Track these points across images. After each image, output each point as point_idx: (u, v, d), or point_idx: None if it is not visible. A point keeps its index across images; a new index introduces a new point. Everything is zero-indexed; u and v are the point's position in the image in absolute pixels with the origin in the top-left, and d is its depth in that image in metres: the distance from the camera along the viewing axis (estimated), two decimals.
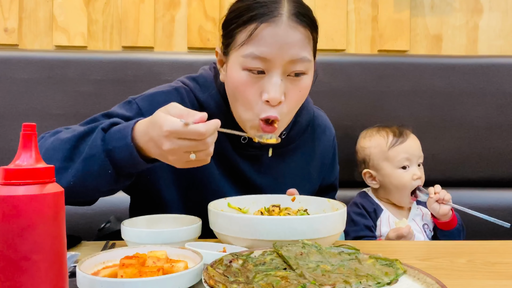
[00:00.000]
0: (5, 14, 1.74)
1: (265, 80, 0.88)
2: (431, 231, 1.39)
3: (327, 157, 1.16)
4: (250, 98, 0.89)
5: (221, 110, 0.98)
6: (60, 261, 0.53)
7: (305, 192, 1.02)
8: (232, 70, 0.90)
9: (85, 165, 0.80)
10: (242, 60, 0.88)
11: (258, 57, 0.86)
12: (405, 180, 1.37)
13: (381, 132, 1.44)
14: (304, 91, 0.92)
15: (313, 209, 0.95)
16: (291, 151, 1.07)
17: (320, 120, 1.15)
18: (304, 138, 1.09)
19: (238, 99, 0.91)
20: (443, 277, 0.65)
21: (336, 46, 1.84)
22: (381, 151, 1.41)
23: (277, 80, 0.87)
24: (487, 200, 1.62)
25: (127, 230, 0.83)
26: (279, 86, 0.86)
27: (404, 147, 1.39)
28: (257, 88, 0.88)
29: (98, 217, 1.43)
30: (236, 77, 0.89)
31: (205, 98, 0.99)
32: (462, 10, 1.88)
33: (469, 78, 1.64)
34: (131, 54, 1.64)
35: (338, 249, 0.72)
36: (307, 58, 0.89)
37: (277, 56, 0.86)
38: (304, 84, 0.91)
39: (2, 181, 0.52)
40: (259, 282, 0.60)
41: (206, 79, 1.02)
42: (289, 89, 0.89)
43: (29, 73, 1.53)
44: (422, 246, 1.00)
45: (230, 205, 0.94)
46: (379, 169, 1.41)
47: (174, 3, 1.80)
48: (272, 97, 0.86)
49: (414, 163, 1.40)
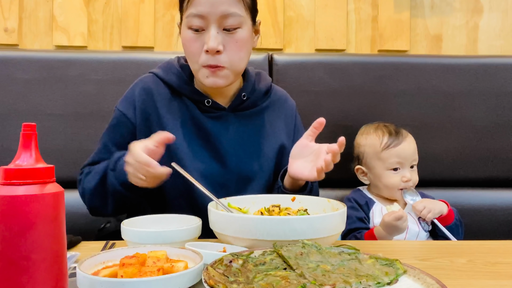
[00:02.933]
0: (5, 14, 1.74)
1: (204, 35, 1.05)
2: (429, 225, 1.40)
3: (290, 123, 1.26)
4: (194, 51, 1.07)
5: (182, 81, 1.15)
6: (60, 261, 0.53)
7: (270, 149, 1.18)
8: (183, 32, 1.09)
9: (114, 197, 1.06)
10: (186, 21, 1.07)
11: (196, 15, 1.04)
12: (393, 181, 1.40)
13: (377, 131, 1.45)
14: (241, 42, 1.07)
15: (313, 209, 0.95)
16: (254, 114, 1.19)
17: (280, 93, 1.29)
18: (266, 105, 1.22)
19: (187, 54, 1.10)
20: (443, 277, 0.65)
21: (336, 46, 1.84)
22: (374, 151, 1.42)
23: (213, 32, 1.04)
24: (487, 200, 1.62)
25: (127, 230, 0.83)
26: (215, 38, 1.03)
27: (397, 150, 1.40)
28: (199, 42, 1.06)
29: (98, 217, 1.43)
30: (184, 36, 1.08)
31: (168, 78, 1.16)
32: (462, 10, 1.88)
33: (469, 78, 1.64)
34: (131, 54, 1.64)
35: (338, 249, 0.72)
36: (237, 13, 1.05)
37: (210, 13, 1.03)
38: (240, 37, 1.07)
39: (2, 181, 0.52)
40: (259, 282, 0.60)
41: (169, 63, 1.21)
42: (226, 41, 1.05)
43: (29, 73, 1.53)
44: (422, 246, 1.00)
45: (230, 205, 0.94)
46: (371, 168, 1.44)
47: (174, 3, 1.80)
48: (210, 46, 1.03)
49: (406, 166, 1.41)
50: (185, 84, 1.15)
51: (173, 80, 1.16)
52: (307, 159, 1.04)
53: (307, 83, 1.59)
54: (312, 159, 1.02)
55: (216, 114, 1.15)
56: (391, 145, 1.40)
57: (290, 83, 1.57)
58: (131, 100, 1.16)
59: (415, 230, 1.37)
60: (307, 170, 1.01)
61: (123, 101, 1.18)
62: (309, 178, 1.02)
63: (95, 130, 1.54)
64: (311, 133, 1.06)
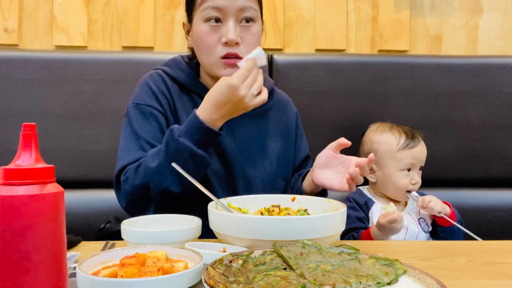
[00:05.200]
0: (5, 14, 1.74)
1: (222, 28, 1.07)
2: (429, 226, 1.40)
3: (291, 125, 1.27)
4: (211, 44, 1.07)
5: (191, 77, 1.16)
6: (60, 261, 0.53)
7: (272, 149, 1.19)
8: (196, 26, 1.09)
9: (188, 166, 0.97)
10: (202, 14, 1.07)
11: (214, 8, 1.05)
12: (403, 182, 1.40)
13: (393, 131, 1.43)
14: (256, 36, 1.10)
15: (313, 209, 0.95)
16: (258, 115, 1.20)
17: (282, 96, 1.30)
18: (269, 105, 1.23)
19: (202, 48, 1.10)
20: (443, 277, 0.65)
21: (336, 46, 1.84)
22: (389, 149, 1.41)
23: (232, 25, 1.06)
24: (487, 200, 1.62)
25: (127, 230, 0.83)
26: (234, 30, 1.06)
27: (414, 152, 1.40)
28: (216, 35, 1.07)
29: (98, 217, 1.44)
30: (199, 30, 1.08)
31: (176, 74, 1.17)
32: (462, 10, 1.88)
33: (469, 78, 1.64)
34: (131, 54, 1.64)
35: (338, 249, 0.72)
36: (253, 8, 1.08)
37: (229, 6, 1.05)
38: (255, 30, 1.10)
39: (2, 181, 0.52)
40: (259, 282, 0.60)
41: (175, 60, 1.21)
42: (243, 34, 1.08)
43: (29, 73, 1.53)
44: (422, 246, 1.00)
45: (230, 205, 0.94)
46: (382, 166, 1.42)
47: (174, 3, 1.80)
48: (229, 38, 1.05)
49: (416, 169, 1.41)
50: (194, 81, 1.16)
51: (181, 77, 1.16)
52: (334, 169, 1.05)
53: (307, 83, 1.59)
54: (341, 170, 1.04)
55: None
56: (408, 146, 1.40)
57: (290, 83, 1.58)
58: (150, 92, 1.13)
59: (415, 231, 1.37)
60: (337, 181, 1.03)
61: (141, 96, 1.14)
62: (341, 189, 1.02)
63: (95, 130, 1.54)
64: (336, 146, 1.06)
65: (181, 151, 0.98)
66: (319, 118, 1.60)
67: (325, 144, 1.08)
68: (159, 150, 1.02)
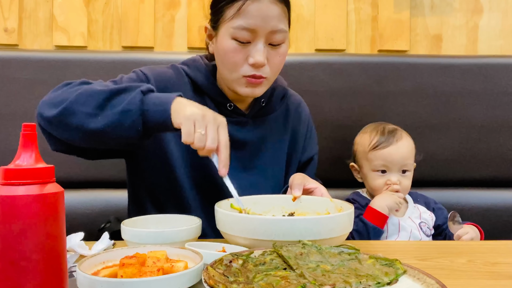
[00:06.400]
0: (5, 14, 1.74)
1: (250, 48, 1.04)
2: (430, 229, 1.39)
3: (302, 128, 1.28)
4: (237, 61, 1.04)
5: (209, 81, 1.14)
6: (60, 261, 0.53)
7: (282, 153, 1.21)
8: (223, 40, 1.05)
9: (119, 117, 0.90)
10: (232, 31, 1.03)
11: (245, 28, 1.01)
12: (377, 183, 1.38)
13: (372, 131, 1.43)
14: (283, 56, 1.08)
15: (316, 209, 0.95)
16: (271, 120, 1.21)
17: (294, 98, 1.29)
18: (281, 109, 1.24)
19: (226, 64, 1.07)
20: (443, 277, 0.65)
21: (336, 46, 1.84)
22: (363, 150, 1.42)
23: (261, 47, 1.03)
24: (487, 200, 1.62)
25: (127, 230, 0.83)
26: (262, 52, 1.03)
27: (383, 153, 1.37)
28: (243, 54, 1.04)
29: (98, 217, 1.43)
30: (226, 45, 1.04)
31: (194, 74, 1.14)
32: (462, 10, 1.88)
33: (469, 78, 1.64)
34: (131, 54, 1.64)
35: (338, 249, 0.72)
36: (284, 29, 1.05)
37: (261, 27, 1.01)
38: (283, 51, 1.08)
39: (2, 181, 0.52)
40: (259, 282, 0.60)
41: (194, 60, 1.18)
42: (270, 55, 1.05)
43: (29, 73, 1.53)
44: (422, 246, 1.00)
45: (232, 206, 0.94)
46: (360, 166, 1.45)
47: (174, 3, 1.80)
48: (257, 60, 1.02)
49: (394, 171, 1.37)
50: (211, 84, 1.14)
51: (199, 78, 1.14)
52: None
53: (307, 83, 1.59)
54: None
55: (235, 119, 1.14)
56: (378, 147, 1.38)
57: (290, 83, 1.57)
58: (157, 74, 1.11)
59: (417, 236, 1.36)
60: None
61: (148, 69, 1.12)
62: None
63: None
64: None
65: (130, 100, 0.90)
66: (319, 118, 1.59)
67: (325, 144, 1.08)
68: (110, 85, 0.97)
